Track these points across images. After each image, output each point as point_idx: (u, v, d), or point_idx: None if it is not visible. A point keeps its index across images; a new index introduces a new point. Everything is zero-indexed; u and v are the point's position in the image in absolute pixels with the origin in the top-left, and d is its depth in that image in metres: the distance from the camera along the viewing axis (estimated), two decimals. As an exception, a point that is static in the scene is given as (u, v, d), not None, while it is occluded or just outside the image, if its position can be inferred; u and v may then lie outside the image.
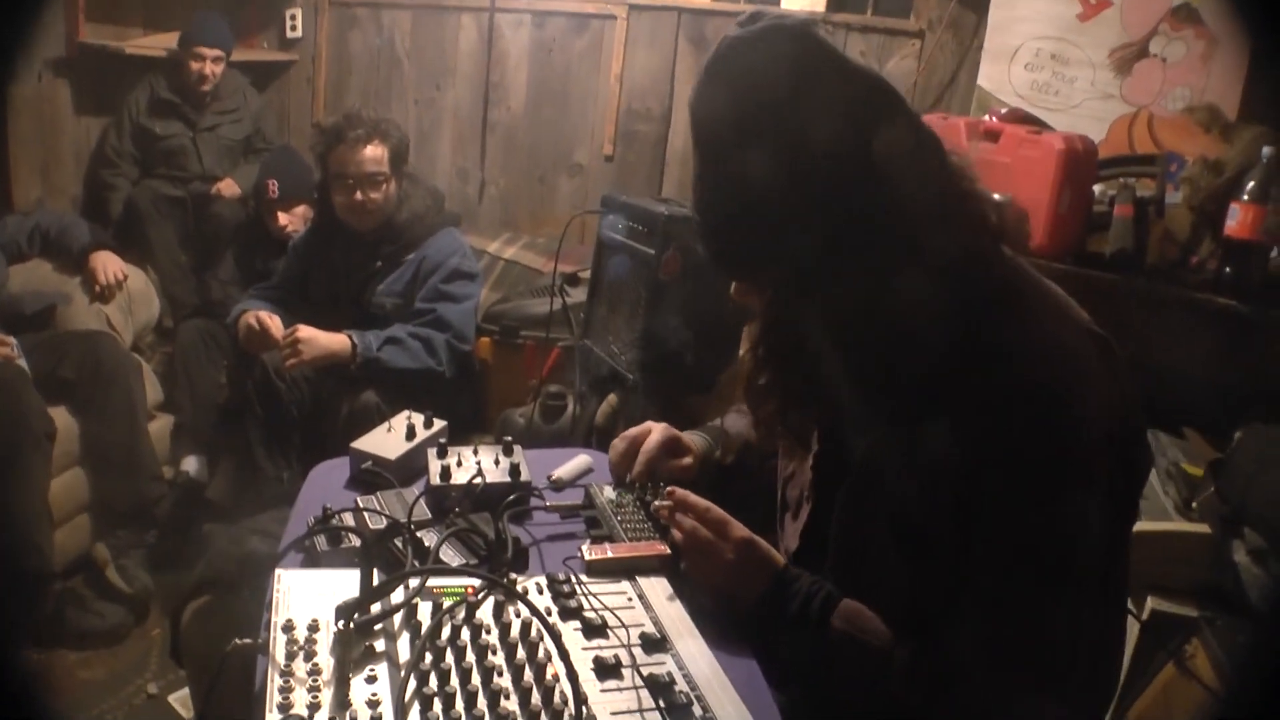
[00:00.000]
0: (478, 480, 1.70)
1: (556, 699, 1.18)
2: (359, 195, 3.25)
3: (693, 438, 1.87)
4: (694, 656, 1.31)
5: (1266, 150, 2.45)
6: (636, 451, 1.79)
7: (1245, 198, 2.45)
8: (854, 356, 1.34)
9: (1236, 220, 2.46)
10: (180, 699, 2.88)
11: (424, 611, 1.31)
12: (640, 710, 1.22)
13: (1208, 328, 2.51)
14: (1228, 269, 2.50)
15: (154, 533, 3.39)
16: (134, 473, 3.35)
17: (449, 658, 1.23)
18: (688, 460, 1.82)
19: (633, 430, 1.83)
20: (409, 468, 1.84)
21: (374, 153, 3.25)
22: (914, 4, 3.85)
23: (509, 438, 1.85)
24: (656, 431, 1.81)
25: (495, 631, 1.30)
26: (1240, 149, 2.62)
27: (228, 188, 4.38)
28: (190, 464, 3.72)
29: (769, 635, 1.43)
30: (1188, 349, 2.54)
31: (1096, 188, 2.80)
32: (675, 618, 1.40)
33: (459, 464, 1.77)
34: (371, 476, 1.80)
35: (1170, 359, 2.48)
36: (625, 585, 1.47)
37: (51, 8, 4.12)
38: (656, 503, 1.64)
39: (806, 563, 1.54)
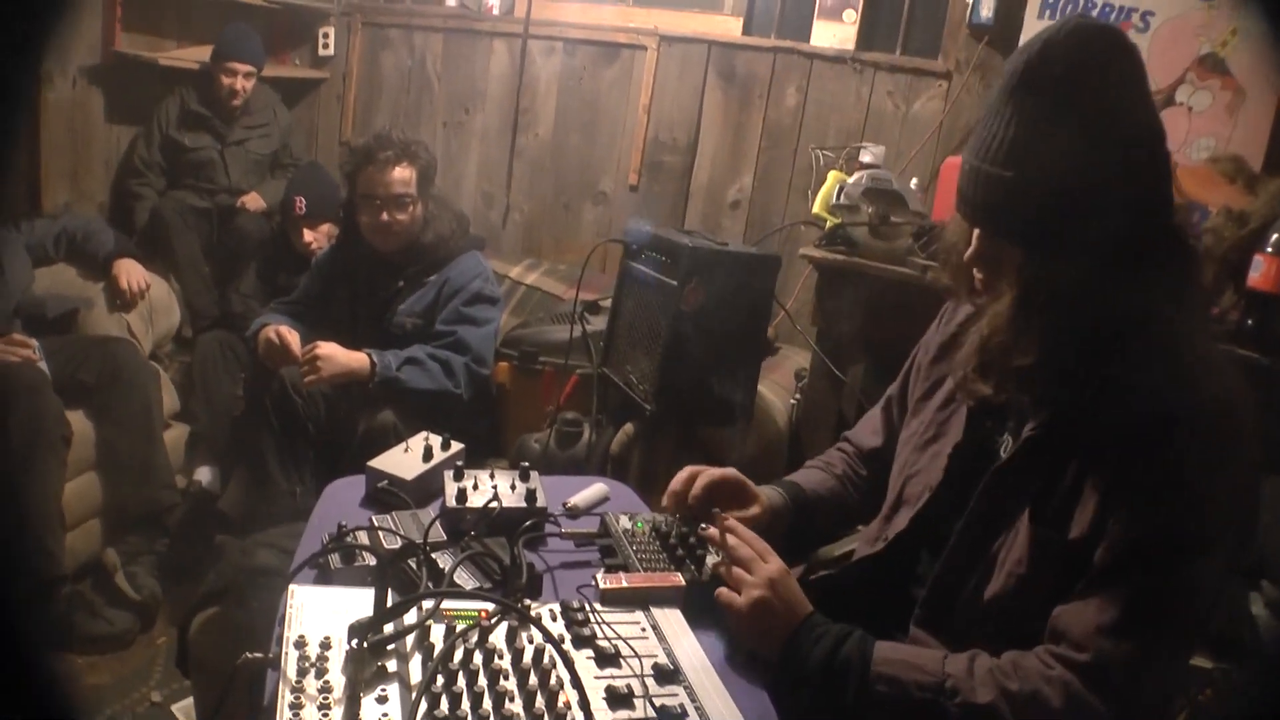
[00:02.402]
0: (494, 504, 1.70)
1: (567, 727, 1.18)
2: (385, 216, 3.27)
3: (768, 491, 1.86)
4: (706, 689, 1.31)
5: (1291, 203, 2.44)
6: (689, 486, 1.78)
7: (1269, 250, 2.44)
8: (1066, 341, 1.41)
9: (1260, 272, 2.45)
10: (184, 709, 2.87)
11: (437, 634, 1.31)
12: (651, 741, 1.22)
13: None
14: (1250, 321, 2.48)
15: (165, 541, 3.39)
16: (147, 480, 3.36)
17: (461, 681, 1.23)
18: (754, 510, 1.80)
19: (697, 467, 1.82)
20: (425, 489, 1.85)
21: (402, 174, 3.27)
22: (942, 45, 3.86)
23: (526, 463, 1.85)
24: (724, 470, 1.81)
25: (508, 657, 1.30)
26: (1265, 201, 2.61)
27: (253, 201, 4.41)
28: (204, 474, 3.72)
29: (795, 671, 1.46)
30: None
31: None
32: (688, 649, 1.40)
33: (475, 487, 1.77)
34: (387, 496, 1.80)
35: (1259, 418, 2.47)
36: (639, 615, 1.47)
37: (89, 16, 4.17)
38: (704, 526, 1.67)
39: (906, 547, 1.66)
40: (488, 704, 1.20)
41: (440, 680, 1.21)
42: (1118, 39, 1.38)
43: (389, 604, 1.29)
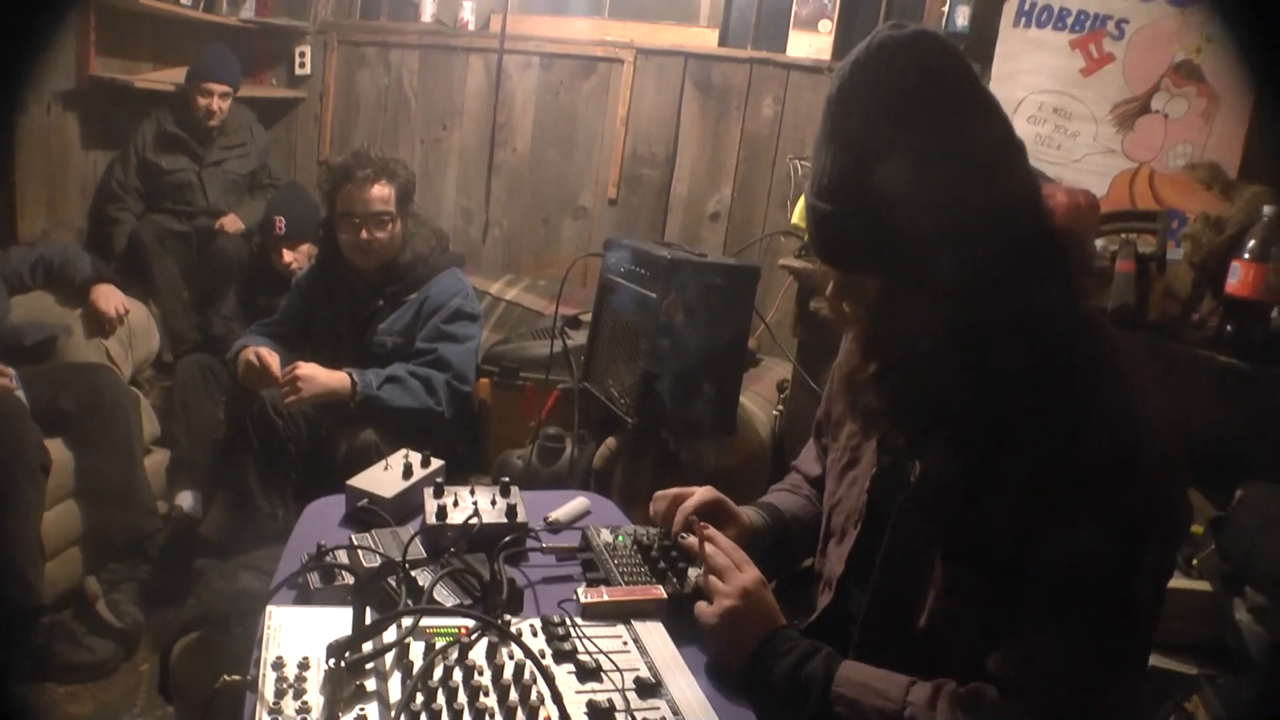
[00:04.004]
0: (474, 520, 1.69)
1: (548, 743, 1.17)
2: (365, 234, 3.26)
3: (748, 511, 1.83)
4: (689, 702, 1.30)
5: (1267, 209, 2.45)
6: (674, 512, 1.74)
7: (1246, 256, 2.45)
8: (940, 366, 1.35)
9: (1237, 278, 2.46)
10: (167, 735, 2.85)
11: (416, 651, 1.30)
12: (633, 756, 1.21)
13: (1208, 385, 2.50)
14: (1229, 327, 2.49)
15: (146, 567, 3.36)
16: (129, 506, 3.33)
17: (440, 699, 1.21)
18: (734, 530, 1.75)
19: (673, 490, 1.79)
20: (405, 506, 1.83)
21: (381, 192, 3.26)
22: (919, 56, 3.87)
23: (506, 478, 1.84)
24: (699, 493, 1.76)
25: (488, 673, 1.28)
26: (1241, 207, 2.62)
27: (231, 223, 4.40)
28: (185, 499, 3.69)
29: (760, 684, 1.45)
30: (1188, 406, 2.53)
31: (1098, 242, 2.80)
32: (670, 663, 1.39)
33: (455, 504, 1.76)
34: (367, 514, 1.79)
35: (1171, 416, 2.48)
36: (621, 629, 1.46)
37: (62, 40, 4.14)
38: (684, 536, 1.66)
39: (851, 587, 1.60)
40: (468, 721, 1.19)
41: (420, 698, 1.20)
42: (929, 45, 1.31)
43: (367, 622, 1.28)
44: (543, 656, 1.33)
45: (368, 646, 1.27)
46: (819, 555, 1.74)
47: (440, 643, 1.31)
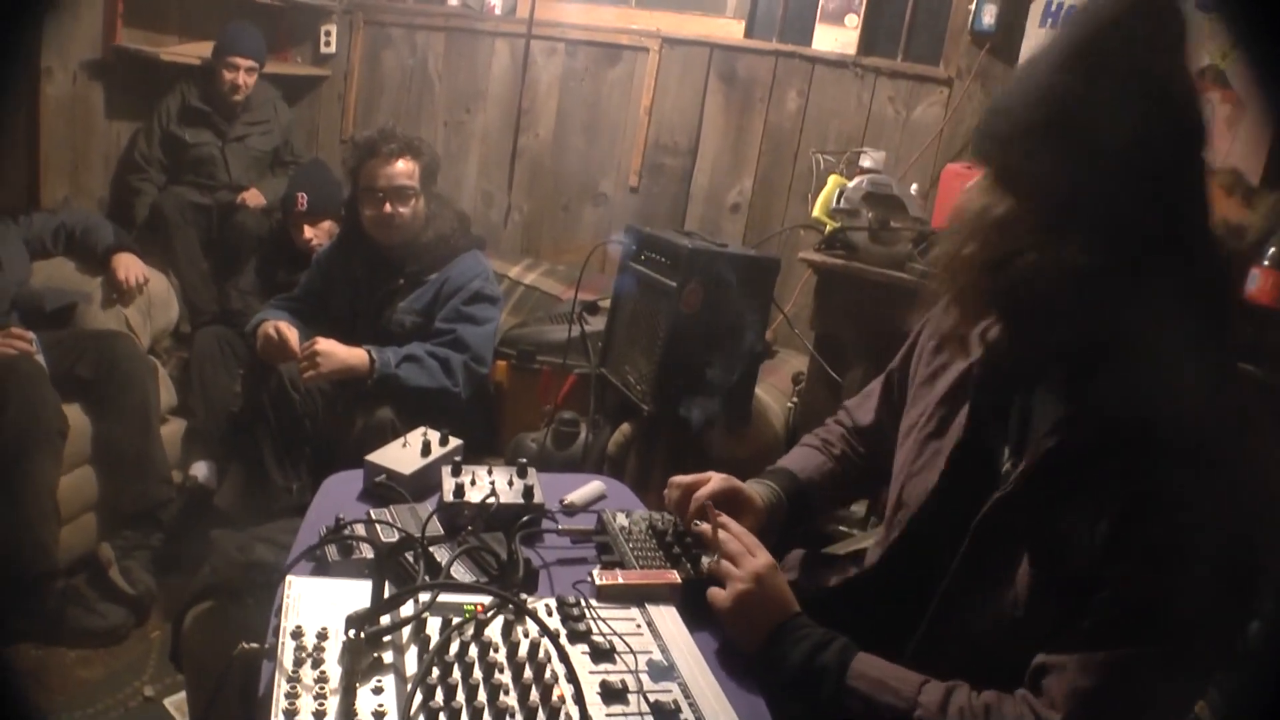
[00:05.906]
0: (491, 500, 1.71)
1: (562, 720, 1.19)
2: (388, 208, 3.27)
3: (756, 488, 1.82)
4: (701, 686, 1.31)
5: (1289, 217, 2.46)
6: (689, 500, 1.73)
7: (1266, 263, 2.45)
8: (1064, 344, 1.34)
9: (1257, 285, 2.46)
10: (176, 703, 2.87)
11: (433, 626, 1.31)
12: (645, 737, 1.22)
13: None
14: (1247, 333, 2.49)
15: (160, 535, 3.39)
16: (143, 474, 3.36)
17: (456, 673, 1.22)
18: (750, 519, 1.74)
19: (688, 478, 1.77)
20: (423, 484, 1.85)
21: (406, 167, 3.28)
22: (943, 52, 3.87)
23: (524, 460, 1.86)
24: (714, 481, 1.74)
25: (503, 650, 1.30)
26: (1263, 214, 2.62)
27: (253, 198, 4.41)
28: (200, 469, 3.71)
29: (773, 669, 1.45)
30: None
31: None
32: (683, 647, 1.40)
33: (473, 483, 1.77)
34: (385, 490, 1.80)
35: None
36: (635, 612, 1.47)
37: (89, 10, 4.17)
38: (697, 523, 1.66)
39: (901, 555, 1.61)
40: (482, 696, 1.20)
41: (436, 672, 1.21)
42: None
43: (386, 596, 1.29)
44: (558, 636, 1.35)
45: (386, 619, 1.28)
46: (887, 526, 1.71)
47: (457, 619, 1.32)
